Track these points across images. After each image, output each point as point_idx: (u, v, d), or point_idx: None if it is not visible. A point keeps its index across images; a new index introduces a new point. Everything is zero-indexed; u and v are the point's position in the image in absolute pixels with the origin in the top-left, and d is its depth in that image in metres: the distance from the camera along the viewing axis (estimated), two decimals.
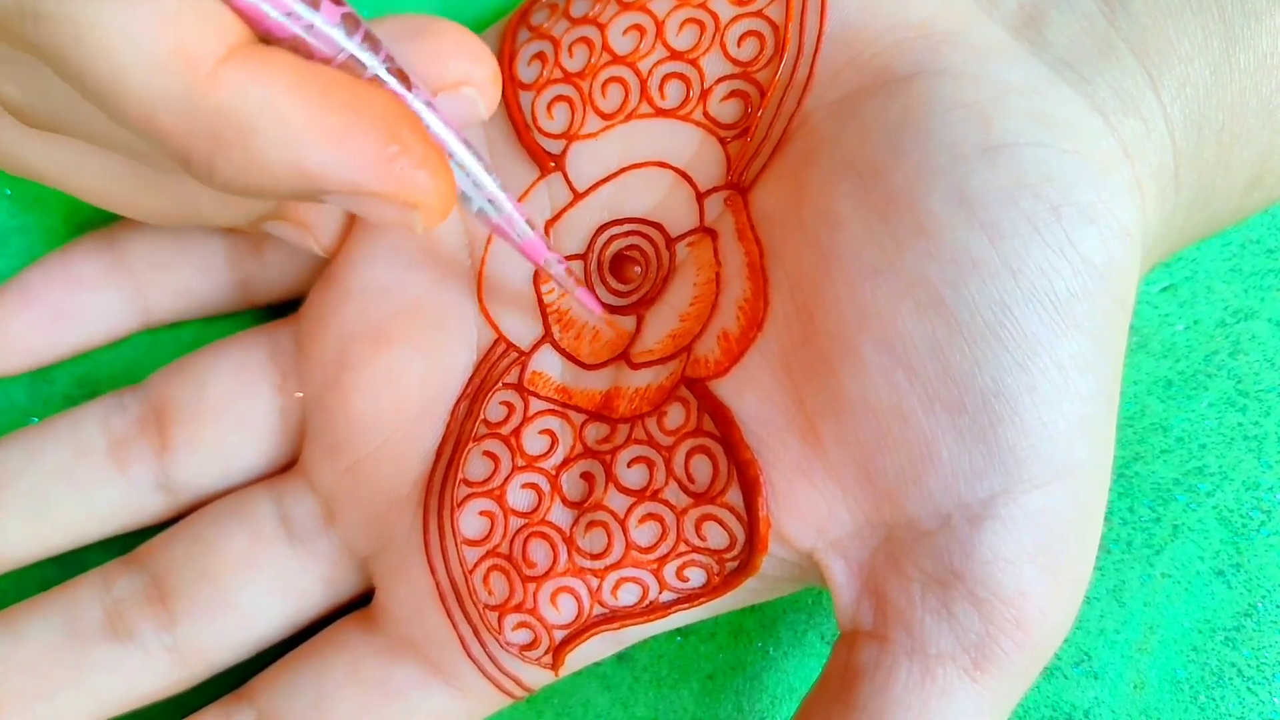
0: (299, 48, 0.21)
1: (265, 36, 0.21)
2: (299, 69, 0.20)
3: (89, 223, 0.31)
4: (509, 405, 0.27)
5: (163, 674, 0.27)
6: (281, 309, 0.31)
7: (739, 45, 0.26)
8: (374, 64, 0.22)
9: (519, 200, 0.28)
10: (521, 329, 0.27)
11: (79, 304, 0.30)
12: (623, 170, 0.27)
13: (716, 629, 0.30)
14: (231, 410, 0.29)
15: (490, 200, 0.24)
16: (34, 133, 0.25)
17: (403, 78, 0.22)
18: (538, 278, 0.27)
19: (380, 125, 0.21)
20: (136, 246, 0.30)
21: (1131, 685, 0.29)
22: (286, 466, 0.29)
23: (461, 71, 0.24)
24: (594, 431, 0.26)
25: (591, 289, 0.27)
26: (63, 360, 0.30)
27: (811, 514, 0.24)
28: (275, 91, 0.20)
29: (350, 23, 0.21)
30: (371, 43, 0.22)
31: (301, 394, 0.29)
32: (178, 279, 0.30)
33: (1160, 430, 0.30)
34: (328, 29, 0.21)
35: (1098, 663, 0.29)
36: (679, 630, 0.30)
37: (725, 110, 0.26)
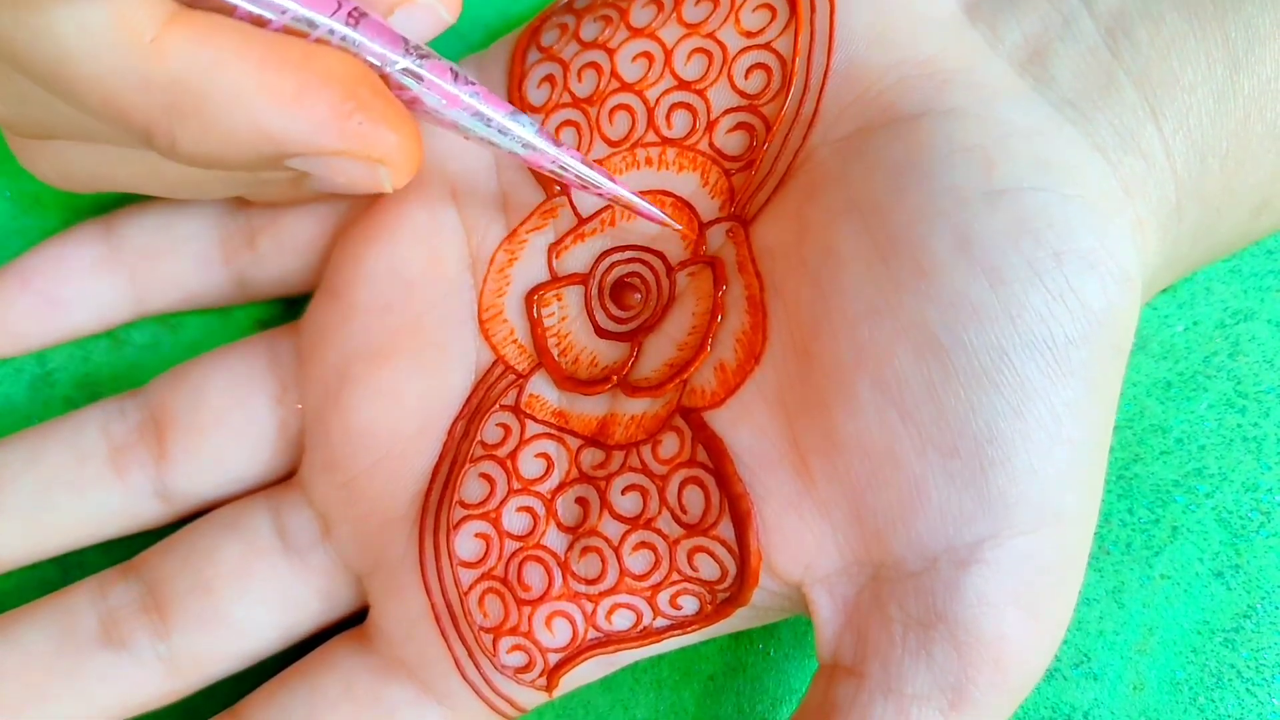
0: (243, 15, 0.21)
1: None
2: (244, 32, 0.20)
3: None
4: (505, 427, 0.27)
5: (157, 684, 0.27)
6: (284, 306, 0.31)
7: (746, 77, 0.26)
8: (344, 31, 0.22)
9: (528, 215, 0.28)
10: (520, 352, 0.27)
11: (73, 290, 0.30)
12: None
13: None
14: (229, 421, 0.29)
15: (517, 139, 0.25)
16: (37, 142, 0.25)
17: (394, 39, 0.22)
18: (537, 300, 0.27)
19: (334, 83, 0.21)
20: (131, 235, 0.30)
21: (1131, 686, 0.29)
22: (286, 477, 0.29)
23: None
24: (589, 456, 0.26)
25: (591, 314, 0.27)
26: (57, 345, 0.30)
27: (800, 549, 0.24)
28: (223, 55, 0.20)
29: None
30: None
31: (301, 406, 0.29)
32: (171, 269, 0.30)
33: (1159, 431, 0.30)
34: None
35: (1097, 664, 0.29)
36: None
37: (731, 142, 0.26)
